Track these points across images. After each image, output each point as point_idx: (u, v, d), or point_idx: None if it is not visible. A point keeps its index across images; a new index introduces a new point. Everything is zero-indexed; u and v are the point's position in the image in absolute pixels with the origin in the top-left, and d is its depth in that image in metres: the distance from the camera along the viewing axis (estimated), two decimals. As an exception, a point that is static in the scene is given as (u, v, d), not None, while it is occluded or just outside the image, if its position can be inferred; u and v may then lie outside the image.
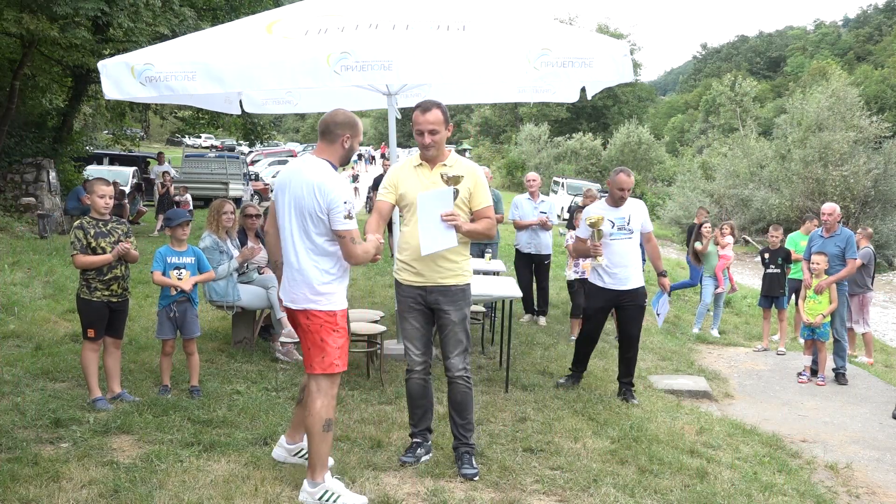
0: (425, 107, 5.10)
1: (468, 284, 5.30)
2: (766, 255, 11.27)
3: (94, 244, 6.23)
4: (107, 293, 6.32)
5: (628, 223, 7.43)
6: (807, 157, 33.72)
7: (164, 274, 6.72)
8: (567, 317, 11.07)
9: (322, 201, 4.46)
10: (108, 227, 6.35)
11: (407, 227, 5.26)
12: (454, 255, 5.18)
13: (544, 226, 11.06)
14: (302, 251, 4.58)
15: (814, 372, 9.36)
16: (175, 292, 6.72)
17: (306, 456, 5.06)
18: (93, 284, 6.27)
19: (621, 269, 7.40)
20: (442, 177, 5.09)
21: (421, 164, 5.25)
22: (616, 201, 7.49)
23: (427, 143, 5.10)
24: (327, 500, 4.54)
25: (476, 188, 5.20)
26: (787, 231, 12.51)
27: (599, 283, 7.52)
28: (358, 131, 4.71)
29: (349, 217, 4.47)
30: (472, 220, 5.25)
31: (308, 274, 4.56)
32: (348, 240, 4.50)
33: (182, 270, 6.75)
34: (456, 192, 5.08)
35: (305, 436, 5.02)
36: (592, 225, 7.23)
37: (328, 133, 4.67)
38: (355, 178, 48.59)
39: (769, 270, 11.20)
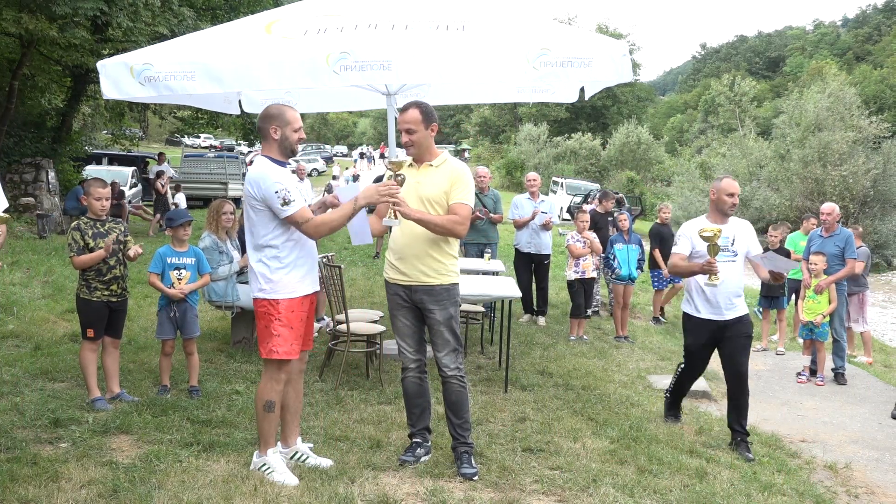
0: (404, 107, 5.22)
1: (454, 284, 5.28)
2: None
3: (91, 245, 6.23)
4: (106, 293, 6.32)
5: (732, 243, 6.37)
6: (806, 157, 33.73)
7: (163, 274, 6.73)
8: (566, 317, 11.07)
9: (257, 194, 4.72)
10: (106, 228, 6.36)
11: (395, 227, 5.26)
12: (440, 254, 5.18)
13: (545, 226, 11.07)
14: (249, 245, 4.91)
15: (813, 372, 9.36)
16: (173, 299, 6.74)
17: (302, 458, 5.15)
18: (92, 284, 6.27)
19: (724, 297, 6.34)
20: (385, 164, 5.35)
21: (412, 163, 5.30)
22: (725, 212, 6.48)
23: (404, 141, 5.18)
24: (263, 471, 4.88)
25: (455, 185, 5.18)
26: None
27: (697, 315, 6.47)
28: (286, 120, 4.84)
29: (286, 203, 4.68)
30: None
31: (253, 266, 4.86)
32: (296, 222, 4.75)
33: (182, 271, 6.75)
34: (400, 179, 5.01)
35: (298, 439, 5.24)
36: (708, 239, 6.08)
37: (260, 130, 4.91)
38: (356, 178, 48.80)
39: None
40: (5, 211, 5.53)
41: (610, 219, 12.14)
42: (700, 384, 8.53)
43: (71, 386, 6.82)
